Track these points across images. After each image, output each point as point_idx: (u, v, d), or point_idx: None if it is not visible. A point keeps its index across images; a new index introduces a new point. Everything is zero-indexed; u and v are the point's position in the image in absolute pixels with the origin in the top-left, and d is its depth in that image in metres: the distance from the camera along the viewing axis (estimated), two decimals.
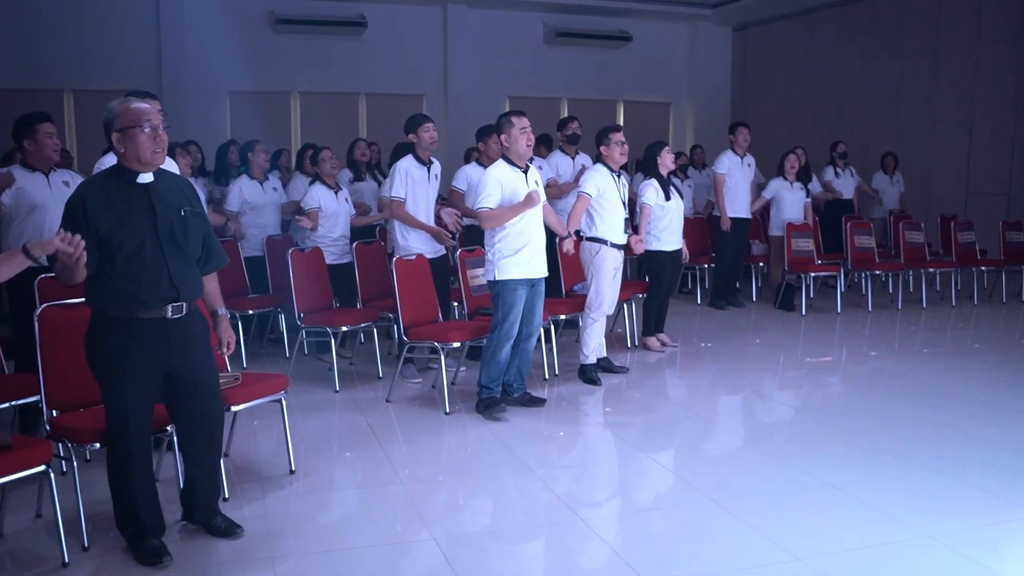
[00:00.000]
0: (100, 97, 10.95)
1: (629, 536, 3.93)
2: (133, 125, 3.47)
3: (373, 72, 12.69)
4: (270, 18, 12.19)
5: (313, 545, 3.83)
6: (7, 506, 3.97)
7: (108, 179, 3.57)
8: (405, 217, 6.31)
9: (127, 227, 3.46)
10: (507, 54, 13.27)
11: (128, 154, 3.49)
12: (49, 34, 11.33)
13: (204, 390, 3.75)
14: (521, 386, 5.74)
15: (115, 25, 11.62)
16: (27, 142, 5.10)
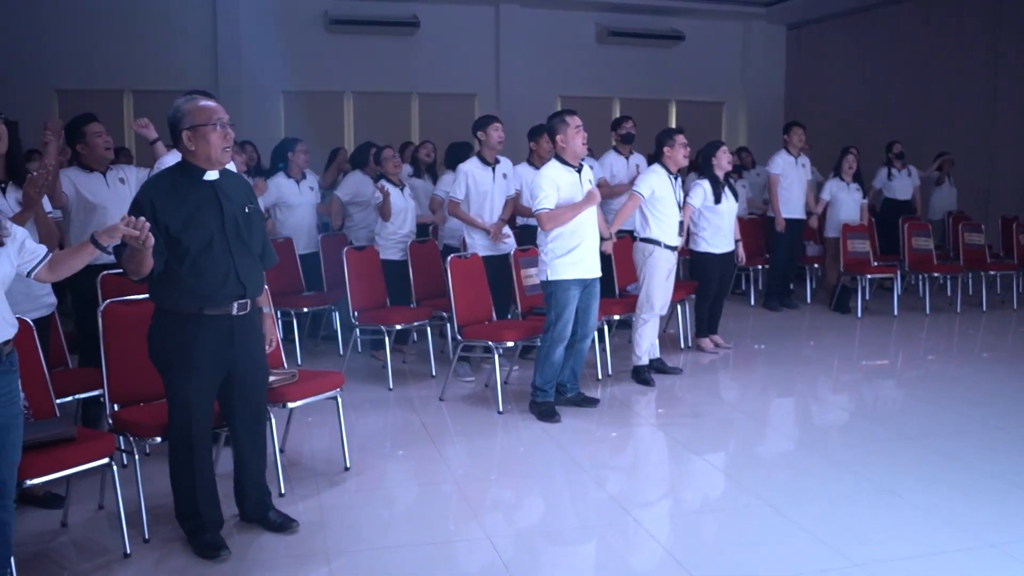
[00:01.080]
0: (158, 97, 11.27)
1: (682, 538, 3.91)
2: (204, 123, 3.52)
3: (425, 72, 12.74)
4: (323, 19, 12.29)
5: (367, 541, 3.86)
6: (71, 497, 4.06)
7: (175, 177, 3.61)
8: (459, 215, 6.37)
9: (196, 224, 3.51)
10: (559, 54, 13.24)
11: (198, 152, 3.54)
12: (109, 37, 11.53)
13: (256, 387, 3.82)
14: (575, 386, 5.74)
15: (173, 27, 11.79)
16: (79, 145, 5.20)
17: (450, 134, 10.54)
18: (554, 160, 5.51)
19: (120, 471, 3.74)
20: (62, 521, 4.03)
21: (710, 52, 14.03)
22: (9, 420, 3.06)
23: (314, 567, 3.61)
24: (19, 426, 3.13)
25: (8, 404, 3.06)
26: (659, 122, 11.69)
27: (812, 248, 10.04)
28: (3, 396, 3.03)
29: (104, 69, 11.54)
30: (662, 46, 13.77)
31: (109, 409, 4.02)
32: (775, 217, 8.91)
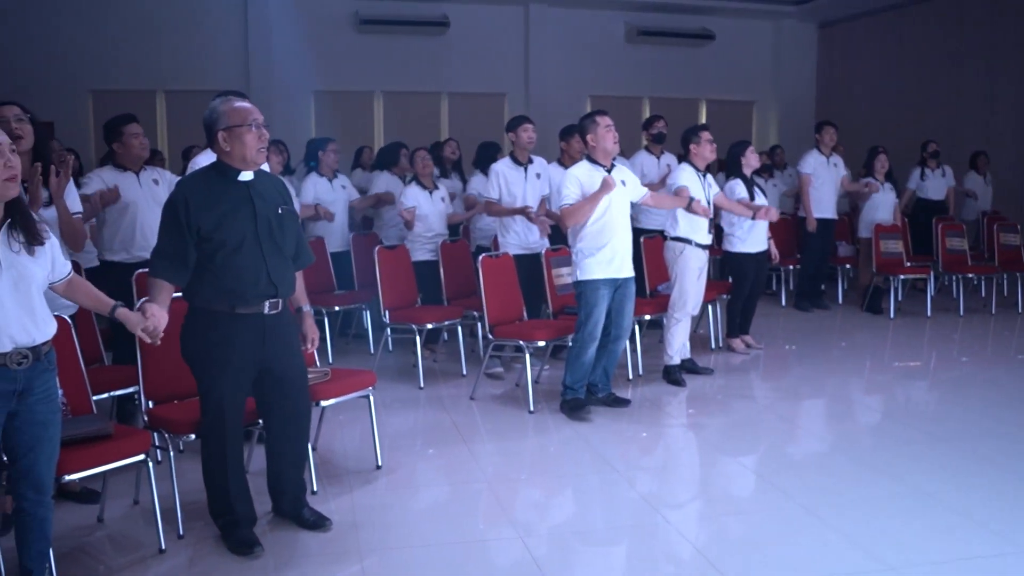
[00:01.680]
0: (190, 98, 11.39)
1: (714, 539, 3.89)
2: (239, 124, 3.55)
3: (455, 72, 12.76)
4: (354, 19, 12.34)
5: (399, 539, 3.88)
6: (107, 492, 4.11)
7: (209, 177, 3.65)
8: (496, 211, 6.40)
9: (229, 224, 3.54)
10: (589, 53, 13.22)
11: (233, 153, 3.57)
12: (142, 38, 11.64)
13: (294, 386, 3.83)
14: (606, 386, 5.73)
15: (205, 28, 11.89)
16: (116, 144, 5.27)
17: (480, 134, 10.57)
18: (584, 160, 5.52)
19: (155, 467, 3.77)
20: (98, 516, 4.09)
21: (741, 51, 13.96)
22: (47, 417, 3.11)
23: (347, 565, 3.62)
24: (57, 423, 3.17)
25: (47, 401, 3.10)
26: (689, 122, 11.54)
27: (844, 248, 9.95)
28: (42, 393, 3.07)
29: (137, 70, 11.65)
30: (692, 45, 13.72)
31: (144, 406, 4.07)
32: (806, 217, 8.85)
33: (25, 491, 3.11)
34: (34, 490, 3.12)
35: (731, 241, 7.10)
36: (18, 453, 3.06)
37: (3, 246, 2.90)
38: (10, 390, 2.95)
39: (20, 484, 3.10)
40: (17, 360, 2.94)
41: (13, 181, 2.89)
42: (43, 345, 3.05)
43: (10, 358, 2.93)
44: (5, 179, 2.85)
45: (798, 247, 9.49)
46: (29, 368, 2.98)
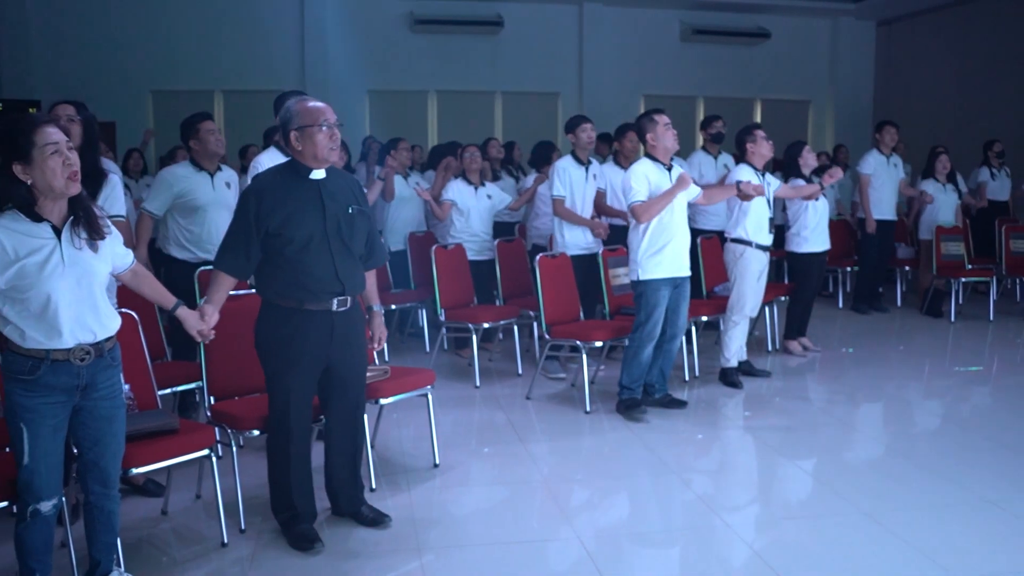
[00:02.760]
0: (248, 97, 11.53)
1: (773, 542, 3.84)
2: (311, 124, 3.60)
3: (509, 71, 12.78)
4: (408, 19, 12.41)
5: (458, 538, 3.90)
6: (170, 486, 4.17)
7: (282, 174, 3.71)
8: (565, 214, 6.39)
9: (298, 222, 3.59)
10: (643, 52, 13.16)
11: (305, 152, 3.62)
12: (201, 39, 11.83)
13: (354, 383, 3.88)
14: (663, 387, 5.70)
15: (262, 29, 12.04)
16: (192, 141, 5.34)
17: (533, 133, 10.58)
18: (645, 157, 5.49)
19: (217, 462, 3.81)
20: (162, 509, 4.16)
21: (797, 50, 13.80)
22: (112, 412, 3.15)
23: (406, 561, 3.65)
24: (122, 418, 3.22)
25: (111, 397, 3.15)
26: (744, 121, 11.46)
27: (903, 250, 9.77)
28: (106, 389, 3.12)
29: (196, 70, 11.85)
30: (748, 44, 13.60)
31: (207, 402, 4.13)
32: (865, 218, 8.71)
33: (92, 484, 3.17)
34: (100, 483, 3.18)
35: (796, 241, 7.01)
36: (84, 447, 3.13)
37: (66, 243, 2.94)
38: (73, 385, 3.00)
39: (87, 477, 3.17)
40: (80, 356, 2.99)
41: (75, 179, 2.93)
42: (106, 341, 3.09)
43: (73, 354, 2.97)
44: (67, 177, 2.90)
45: (856, 248, 9.34)
46: (92, 364, 3.03)
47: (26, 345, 2.91)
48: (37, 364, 2.92)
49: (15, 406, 2.94)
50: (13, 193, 2.87)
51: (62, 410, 3.01)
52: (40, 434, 2.95)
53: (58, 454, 3.04)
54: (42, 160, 2.84)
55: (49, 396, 2.96)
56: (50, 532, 3.12)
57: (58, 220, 2.95)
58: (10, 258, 2.84)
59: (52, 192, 2.89)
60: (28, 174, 2.85)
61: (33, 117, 2.96)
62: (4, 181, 2.86)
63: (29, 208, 2.89)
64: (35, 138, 2.85)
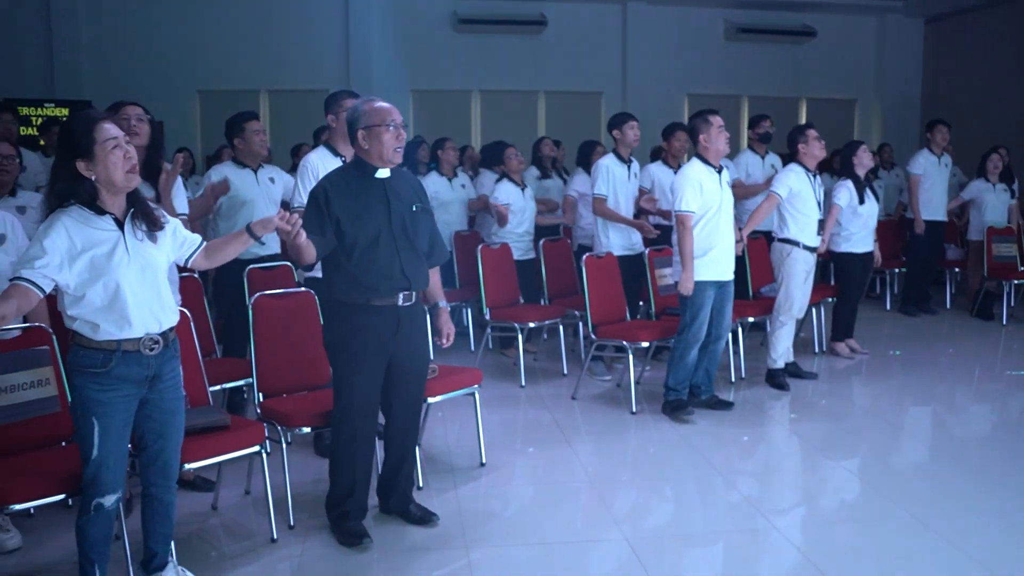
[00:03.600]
0: (292, 97, 11.61)
1: (821, 545, 3.81)
2: (379, 123, 3.66)
3: (552, 70, 12.75)
4: (452, 18, 12.44)
5: (506, 537, 3.91)
6: (220, 482, 4.22)
7: (349, 173, 3.78)
8: (607, 213, 6.37)
9: (364, 220, 3.65)
10: (686, 51, 13.07)
11: (372, 151, 3.68)
12: (247, 39, 11.93)
13: (415, 378, 3.91)
14: (709, 388, 5.66)
15: (307, 29, 12.12)
16: (237, 140, 5.41)
17: (576, 132, 10.55)
18: (696, 160, 5.45)
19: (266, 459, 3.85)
20: (212, 504, 4.21)
21: (843, 48, 13.63)
22: (175, 404, 3.22)
23: (454, 559, 3.66)
24: (183, 410, 3.29)
25: (174, 388, 3.21)
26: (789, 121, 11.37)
27: (953, 251, 9.62)
28: (170, 380, 3.18)
29: (242, 70, 11.95)
30: (793, 42, 13.45)
31: (257, 399, 4.17)
32: (914, 218, 8.59)
33: (154, 477, 3.22)
34: (162, 476, 3.23)
35: (836, 241, 6.93)
36: (148, 440, 3.18)
37: (129, 234, 3.01)
38: (143, 376, 3.06)
39: (149, 470, 3.22)
40: (149, 346, 3.05)
41: (134, 172, 2.99)
42: (170, 331, 3.15)
43: (143, 344, 3.03)
44: (127, 171, 2.96)
45: (904, 249, 9.21)
46: (159, 354, 3.09)
47: (98, 338, 2.96)
48: (109, 356, 2.98)
49: (86, 400, 2.99)
50: (78, 189, 2.94)
51: (132, 403, 3.07)
52: (111, 428, 3.01)
53: (124, 449, 3.11)
54: (103, 155, 2.91)
55: (120, 389, 3.01)
56: (111, 525, 3.18)
57: (119, 213, 3.02)
58: (78, 250, 2.90)
59: (113, 186, 2.96)
60: (91, 170, 2.92)
61: (92, 114, 3.03)
62: (69, 178, 2.93)
63: (92, 202, 2.96)
64: (96, 134, 2.91)
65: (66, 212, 2.93)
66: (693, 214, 5.31)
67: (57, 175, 2.97)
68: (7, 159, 4.46)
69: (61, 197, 2.95)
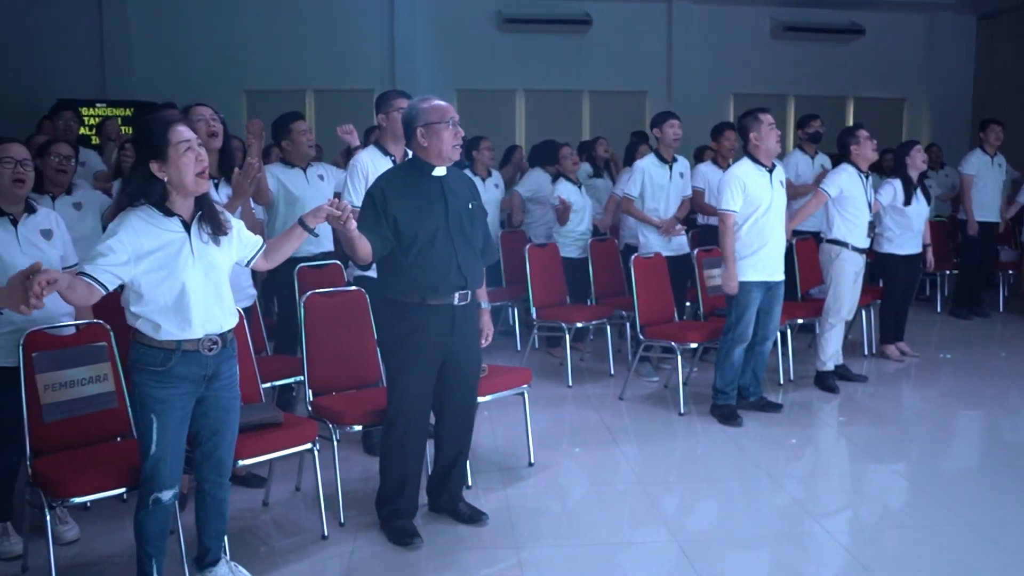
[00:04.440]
0: (338, 96, 11.67)
1: (872, 549, 3.76)
2: (438, 121, 3.67)
3: (597, 69, 12.69)
4: (497, 18, 12.44)
5: (555, 536, 3.91)
6: (271, 478, 4.27)
7: (406, 171, 3.81)
8: (633, 213, 6.36)
9: (423, 218, 3.67)
10: (732, 50, 12.95)
11: (430, 148, 3.70)
12: (293, 39, 12.01)
13: (469, 378, 3.93)
14: (757, 390, 5.62)
15: (352, 29, 12.19)
16: (284, 142, 5.46)
17: (621, 132, 10.50)
18: (746, 159, 5.41)
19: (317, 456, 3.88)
20: (263, 500, 4.26)
21: (892, 46, 13.42)
22: (231, 402, 3.26)
23: (503, 558, 3.68)
24: (238, 408, 3.33)
25: (230, 387, 3.25)
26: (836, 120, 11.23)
27: (1006, 253, 9.44)
28: (227, 379, 3.23)
29: (288, 70, 12.03)
30: (840, 41, 13.27)
31: (307, 396, 4.21)
32: (967, 219, 8.44)
33: (208, 473, 3.27)
34: (216, 472, 3.28)
35: (879, 241, 6.83)
36: (203, 436, 3.22)
37: (195, 237, 3.05)
38: (201, 375, 3.11)
39: (203, 466, 3.27)
40: (208, 346, 3.09)
41: (205, 176, 3.03)
42: (228, 332, 3.20)
43: (203, 344, 3.08)
44: (197, 173, 3.00)
45: (956, 251, 9.06)
46: (217, 354, 3.13)
47: (159, 337, 3.01)
48: (169, 355, 3.02)
49: (146, 397, 3.04)
50: (150, 189, 2.99)
51: (189, 401, 3.12)
52: (168, 424, 3.06)
53: (182, 445, 3.15)
54: (176, 157, 2.96)
55: (179, 387, 3.06)
56: (168, 519, 3.22)
57: (187, 215, 3.06)
58: (144, 250, 2.95)
59: (184, 188, 3.00)
60: (163, 171, 2.97)
61: (167, 116, 3.09)
62: (141, 178, 2.99)
63: (161, 203, 3.01)
64: (169, 136, 2.96)
65: (135, 212, 2.99)
66: (734, 214, 5.27)
67: (132, 175, 3.05)
68: (65, 159, 4.53)
69: (133, 197, 3.00)
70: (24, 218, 3.65)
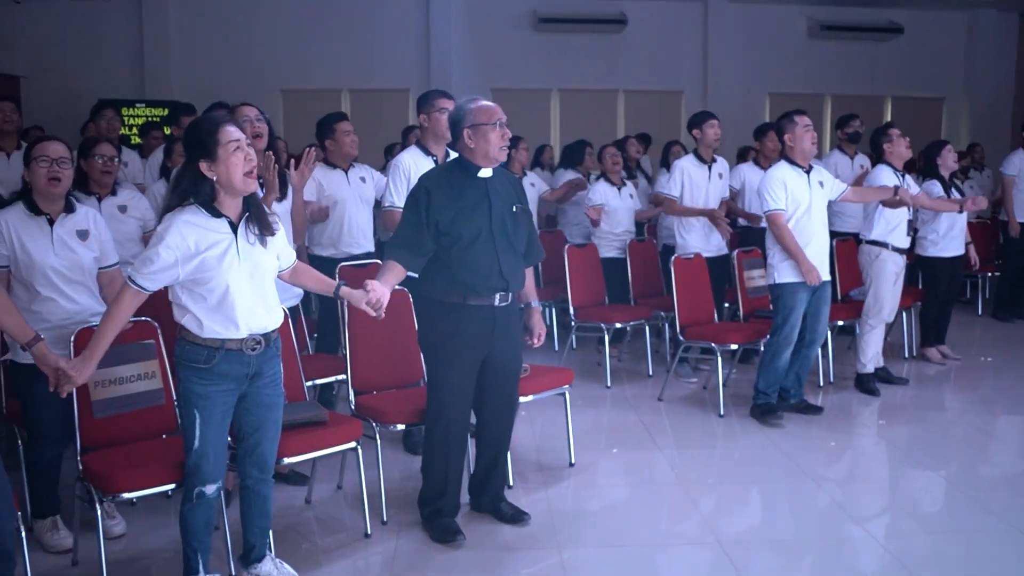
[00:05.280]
0: (374, 96, 11.70)
1: (918, 553, 3.72)
2: (486, 122, 3.66)
3: (632, 69, 12.67)
4: (532, 17, 12.44)
5: (597, 537, 3.91)
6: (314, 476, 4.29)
7: (451, 172, 3.79)
8: (677, 210, 6.33)
9: (466, 219, 3.66)
10: (768, 49, 12.86)
11: (477, 149, 3.69)
12: (328, 39, 12.09)
13: (510, 378, 3.93)
14: (799, 392, 5.58)
15: (387, 29, 12.24)
16: (328, 142, 5.48)
17: (656, 132, 10.48)
18: (783, 161, 5.39)
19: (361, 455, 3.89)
20: (306, 498, 4.29)
21: (930, 44, 13.28)
22: (274, 400, 3.29)
23: (546, 558, 3.68)
24: (281, 406, 3.36)
25: (274, 385, 3.29)
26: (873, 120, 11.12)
27: None
28: (270, 377, 3.25)
29: (323, 70, 12.12)
30: (878, 39, 13.14)
31: (350, 395, 4.23)
32: (1008, 220, 8.34)
33: (250, 469, 3.30)
34: (258, 469, 3.31)
35: (923, 245, 6.76)
36: (245, 433, 3.26)
37: (242, 238, 3.08)
38: (244, 374, 3.14)
39: (246, 462, 3.30)
40: (251, 346, 3.12)
41: (252, 176, 3.07)
42: (273, 332, 3.22)
43: (246, 344, 3.11)
44: (245, 173, 3.02)
45: (998, 253, 8.94)
46: (261, 353, 3.16)
47: (203, 335, 3.05)
48: (212, 353, 3.06)
49: (190, 393, 3.09)
50: (199, 189, 3.03)
51: (231, 397, 3.15)
52: (211, 420, 3.09)
53: (224, 440, 3.20)
54: (226, 156, 2.99)
55: (221, 384, 3.10)
56: (212, 514, 3.26)
57: (235, 216, 3.09)
58: (192, 251, 2.98)
59: (232, 188, 3.03)
60: (213, 170, 3.00)
61: (217, 117, 3.13)
62: (191, 177, 3.03)
63: (210, 204, 3.04)
64: (219, 136, 3.00)
65: (183, 213, 3.02)
66: (783, 211, 5.24)
67: (181, 175, 3.08)
68: (109, 159, 4.57)
69: (182, 196, 3.04)
70: (61, 218, 3.67)
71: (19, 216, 3.60)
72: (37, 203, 3.62)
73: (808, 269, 5.22)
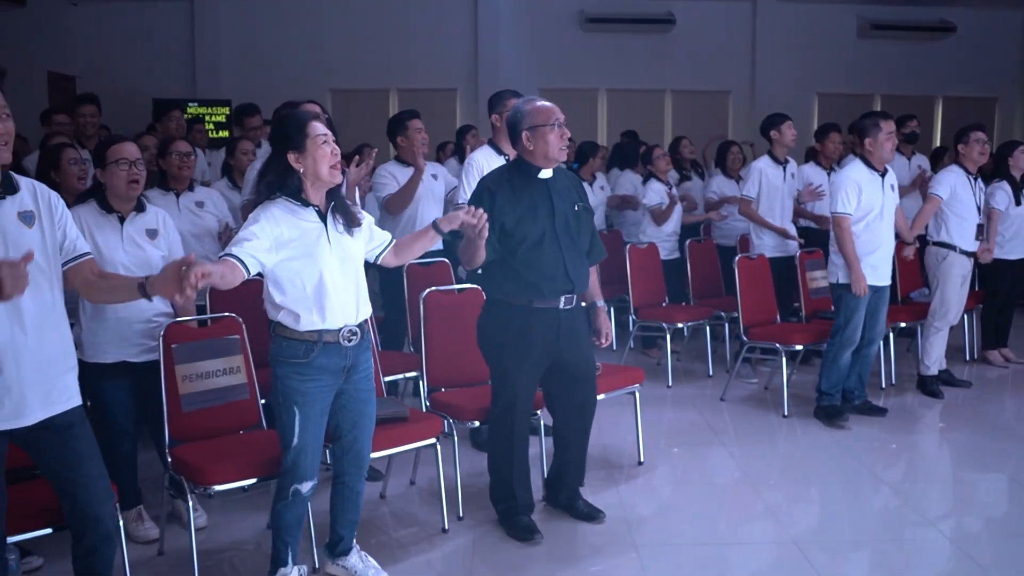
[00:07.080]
0: (421, 96, 11.79)
1: (992, 556, 3.71)
2: (543, 123, 3.66)
3: (680, 69, 12.63)
4: (580, 17, 12.45)
5: (672, 535, 3.94)
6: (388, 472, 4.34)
7: (512, 173, 3.80)
8: (752, 216, 6.33)
9: (530, 221, 3.67)
10: (818, 49, 12.76)
11: (536, 151, 3.69)
12: (377, 39, 12.17)
13: (584, 379, 3.93)
14: (862, 393, 5.57)
15: (436, 28, 12.30)
16: (399, 139, 5.53)
17: (703, 132, 10.44)
18: (858, 161, 5.36)
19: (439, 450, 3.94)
20: (381, 493, 4.34)
21: (983, 43, 13.09)
22: (368, 395, 3.34)
23: (623, 554, 3.71)
24: (374, 401, 3.40)
25: (367, 379, 3.33)
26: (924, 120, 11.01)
27: None
28: (364, 371, 3.30)
29: (372, 69, 12.19)
30: (929, 38, 12.99)
31: (424, 392, 4.27)
32: None
33: (348, 466, 3.35)
34: (356, 464, 3.36)
35: None
36: (343, 429, 3.30)
37: (331, 227, 3.13)
38: (341, 366, 3.18)
39: (343, 459, 3.35)
40: (347, 337, 3.16)
41: (337, 168, 3.12)
42: (365, 322, 3.26)
43: (343, 335, 3.15)
44: (331, 165, 3.09)
45: None
46: (356, 345, 3.20)
47: (300, 328, 3.09)
48: (311, 347, 3.10)
49: (288, 390, 3.13)
50: (287, 181, 3.08)
51: (329, 393, 3.20)
52: (311, 416, 3.14)
53: (321, 438, 3.24)
54: (314, 149, 3.05)
55: (320, 379, 3.14)
56: (304, 511, 3.32)
57: (322, 206, 3.15)
58: (285, 239, 3.04)
59: (319, 179, 3.09)
60: (300, 163, 3.06)
61: (304, 113, 3.20)
62: (280, 169, 3.09)
63: (297, 194, 3.10)
64: (308, 130, 3.06)
65: (274, 203, 3.08)
66: (849, 216, 5.22)
67: (268, 167, 3.13)
68: (185, 156, 4.66)
69: (271, 188, 3.10)
70: (132, 217, 3.73)
71: (92, 212, 3.66)
72: (110, 201, 3.69)
73: (857, 279, 5.19)
